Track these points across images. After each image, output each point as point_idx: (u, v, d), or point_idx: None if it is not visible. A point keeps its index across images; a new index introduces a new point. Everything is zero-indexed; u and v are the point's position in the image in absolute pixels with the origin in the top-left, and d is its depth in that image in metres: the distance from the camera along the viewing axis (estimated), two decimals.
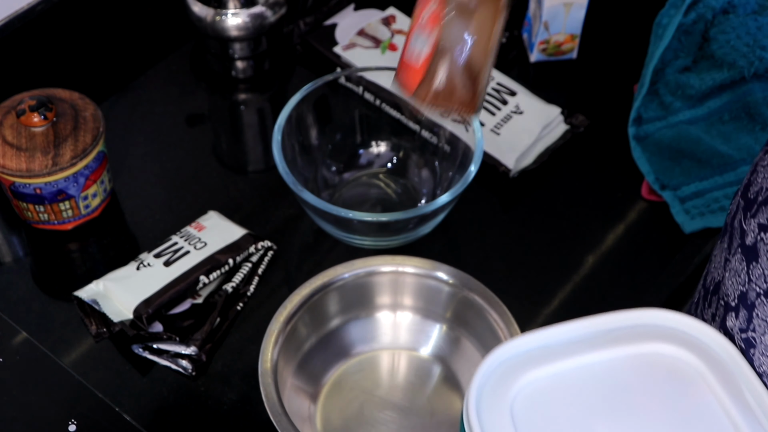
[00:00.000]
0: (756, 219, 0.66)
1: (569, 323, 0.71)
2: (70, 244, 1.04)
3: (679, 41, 1.13)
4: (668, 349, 0.70)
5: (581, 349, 0.70)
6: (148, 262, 0.97)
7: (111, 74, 1.18)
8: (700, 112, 1.13)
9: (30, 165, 0.96)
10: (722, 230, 0.74)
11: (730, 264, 0.69)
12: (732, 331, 0.69)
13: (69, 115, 0.98)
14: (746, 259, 0.67)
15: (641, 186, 1.09)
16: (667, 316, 0.71)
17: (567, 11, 1.15)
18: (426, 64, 0.78)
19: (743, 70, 1.12)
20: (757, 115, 1.11)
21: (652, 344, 0.71)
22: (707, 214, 1.05)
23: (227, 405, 0.92)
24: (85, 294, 0.95)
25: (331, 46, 1.19)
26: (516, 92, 1.14)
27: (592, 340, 0.70)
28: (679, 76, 1.13)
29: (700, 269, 1.02)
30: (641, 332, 0.71)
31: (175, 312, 0.95)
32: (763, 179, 0.66)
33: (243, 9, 1.17)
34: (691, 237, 1.04)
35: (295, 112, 1.02)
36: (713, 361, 0.69)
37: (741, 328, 0.68)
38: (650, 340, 0.71)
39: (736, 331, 0.69)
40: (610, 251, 1.04)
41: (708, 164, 1.08)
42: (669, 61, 1.14)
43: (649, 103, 1.13)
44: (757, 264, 0.65)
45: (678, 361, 0.70)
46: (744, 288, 0.67)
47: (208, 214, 1.03)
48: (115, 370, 0.94)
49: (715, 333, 0.70)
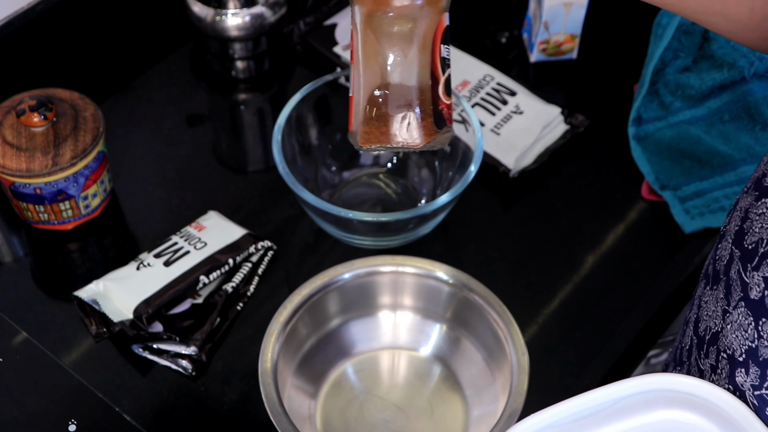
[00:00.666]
0: (760, 272, 0.64)
1: (575, 399, 0.68)
2: (70, 244, 1.04)
3: (679, 41, 1.13)
4: (681, 415, 0.67)
5: (591, 424, 0.67)
6: (148, 262, 0.97)
7: (111, 74, 1.18)
8: (700, 112, 1.13)
9: (30, 165, 0.96)
10: (709, 276, 0.72)
11: (731, 317, 0.66)
12: (743, 387, 0.67)
13: (69, 115, 0.98)
14: (753, 315, 0.65)
15: (641, 186, 1.09)
16: (675, 380, 0.68)
17: (567, 11, 1.15)
18: (351, 100, 0.69)
19: (743, 70, 1.12)
20: (758, 114, 1.11)
21: (664, 411, 0.68)
22: (707, 214, 1.05)
23: (227, 405, 0.92)
24: (85, 294, 0.95)
25: (331, 46, 1.19)
26: (516, 92, 1.14)
27: (602, 414, 0.68)
28: (679, 76, 1.13)
29: (699, 269, 1.02)
30: (651, 399, 0.68)
31: (175, 312, 0.95)
32: (761, 229, 0.64)
33: (243, 9, 1.17)
34: (691, 237, 1.04)
35: (295, 112, 1.02)
36: (727, 424, 0.66)
37: (753, 384, 0.66)
38: (661, 407, 0.68)
39: (747, 387, 0.66)
40: (610, 251, 1.04)
41: (708, 164, 1.09)
42: (669, 61, 1.14)
43: (649, 103, 1.13)
44: (766, 320, 0.64)
45: (692, 427, 0.67)
46: (753, 344, 0.65)
47: (208, 214, 1.03)
48: (115, 370, 0.94)
49: (726, 395, 0.67)
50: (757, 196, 0.65)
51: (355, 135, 0.69)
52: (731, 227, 0.68)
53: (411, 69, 0.67)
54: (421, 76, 0.67)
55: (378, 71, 0.67)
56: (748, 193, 0.67)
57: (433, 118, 0.67)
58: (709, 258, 0.77)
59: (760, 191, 0.65)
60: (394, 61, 0.66)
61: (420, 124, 0.67)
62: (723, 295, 0.67)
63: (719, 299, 0.68)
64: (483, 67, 1.16)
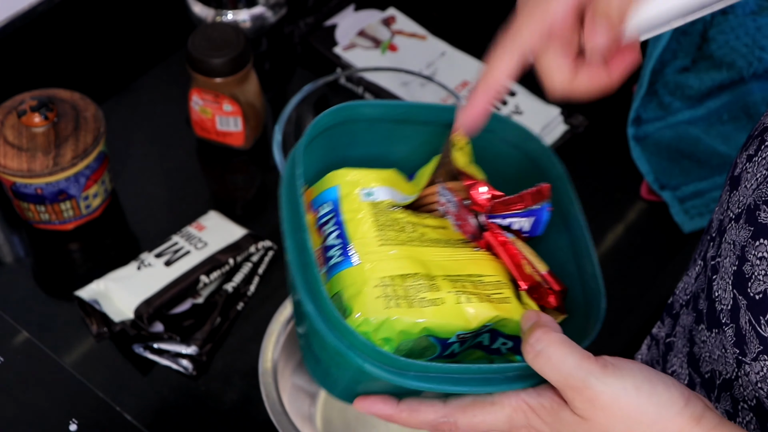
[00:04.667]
0: (746, 151, 0.65)
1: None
2: (71, 244, 1.04)
3: (677, 42, 1.13)
4: None
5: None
6: (148, 262, 0.97)
7: (112, 75, 1.18)
8: (699, 112, 1.13)
9: (31, 165, 0.96)
10: (702, 315, 0.70)
11: (753, 368, 0.63)
12: (707, 261, 0.67)
13: (70, 115, 0.99)
14: (730, 189, 0.65)
15: (640, 186, 1.09)
16: None
17: None
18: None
19: (742, 71, 1.12)
20: (756, 115, 1.11)
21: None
22: (706, 214, 1.05)
23: (228, 404, 0.92)
24: (86, 294, 0.95)
25: (331, 47, 1.20)
26: (516, 92, 1.14)
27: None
28: (678, 77, 1.14)
29: None
30: None
31: (175, 312, 0.95)
32: (766, 116, 0.64)
33: (243, 9, 1.17)
34: (690, 237, 1.04)
35: (295, 113, 1.02)
36: None
37: (712, 255, 0.66)
38: None
39: (709, 258, 0.67)
40: (610, 251, 1.05)
41: (707, 164, 1.09)
42: (668, 62, 1.14)
43: (648, 103, 1.13)
44: (736, 191, 0.64)
45: None
46: (722, 216, 0.66)
47: (208, 214, 1.03)
48: (116, 370, 0.94)
49: None
50: (754, 234, 0.61)
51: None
52: (726, 264, 0.64)
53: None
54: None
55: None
56: (738, 223, 0.63)
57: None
58: (688, 284, 0.75)
59: (755, 227, 0.61)
60: None
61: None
62: (733, 343, 0.64)
63: (728, 346, 0.65)
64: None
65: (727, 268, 0.63)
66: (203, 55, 1.03)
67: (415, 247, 0.63)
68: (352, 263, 0.60)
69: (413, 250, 0.62)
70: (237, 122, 1.08)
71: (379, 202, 0.64)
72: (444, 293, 0.60)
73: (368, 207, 0.63)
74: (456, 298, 0.60)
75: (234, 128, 1.08)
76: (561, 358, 0.56)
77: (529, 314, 0.60)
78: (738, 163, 0.66)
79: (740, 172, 0.65)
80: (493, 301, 0.62)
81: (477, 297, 0.61)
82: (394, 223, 0.63)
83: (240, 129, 1.08)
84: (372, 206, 0.64)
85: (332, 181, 0.65)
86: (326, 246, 0.62)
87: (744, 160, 0.65)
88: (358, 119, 0.66)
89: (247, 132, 1.09)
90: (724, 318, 0.64)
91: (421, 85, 1.06)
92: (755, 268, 0.60)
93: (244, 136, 1.09)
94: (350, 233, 0.62)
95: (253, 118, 1.09)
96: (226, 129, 1.09)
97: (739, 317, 0.62)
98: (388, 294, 0.59)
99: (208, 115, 1.08)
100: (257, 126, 1.11)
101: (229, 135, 1.09)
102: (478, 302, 0.61)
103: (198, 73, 1.04)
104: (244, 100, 1.06)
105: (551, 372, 0.56)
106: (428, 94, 1.06)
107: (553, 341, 0.56)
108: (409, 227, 0.64)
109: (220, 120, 1.08)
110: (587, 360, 0.56)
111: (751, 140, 0.65)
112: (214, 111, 1.07)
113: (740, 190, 0.64)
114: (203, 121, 1.09)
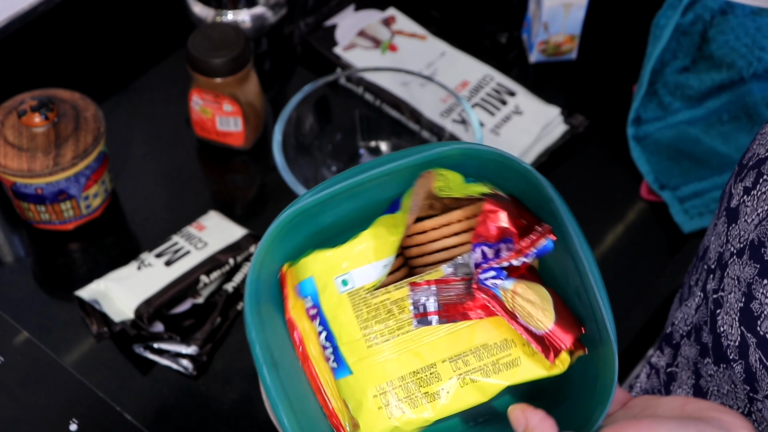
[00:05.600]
0: (743, 183, 0.64)
1: None
2: (71, 244, 1.04)
3: (677, 42, 1.13)
4: None
5: None
6: (149, 262, 0.97)
7: (112, 75, 1.18)
8: (699, 112, 1.13)
9: (31, 165, 0.96)
10: (708, 348, 0.69)
11: (717, 228, 0.65)
12: (708, 294, 0.66)
13: (70, 115, 0.99)
14: (728, 221, 0.65)
15: (640, 186, 1.09)
16: None
17: (566, 12, 1.16)
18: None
19: (742, 71, 1.12)
20: (756, 115, 1.11)
21: None
22: (706, 214, 1.05)
23: (228, 404, 0.92)
24: (87, 294, 0.95)
25: (331, 47, 1.20)
26: (515, 93, 1.14)
27: None
28: (678, 77, 1.14)
29: None
30: None
31: (176, 312, 0.95)
32: (758, 146, 0.64)
33: (244, 9, 1.17)
34: (690, 237, 1.05)
35: (295, 113, 1.02)
36: None
37: (713, 288, 0.65)
38: None
39: (710, 291, 0.65)
40: (610, 251, 1.05)
41: (707, 164, 1.09)
42: (668, 62, 1.14)
43: (648, 103, 1.13)
44: (735, 225, 0.63)
45: None
46: (721, 249, 0.65)
47: (208, 214, 1.03)
48: (116, 370, 0.94)
49: None
50: (760, 271, 0.60)
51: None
52: (731, 300, 0.62)
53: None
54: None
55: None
56: (741, 259, 0.62)
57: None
58: (688, 315, 0.74)
59: (761, 265, 0.60)
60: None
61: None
62: (743, 379, 0.63)
63: (738, 382, 0.65)
64: (483, 68, 1.16)
65: (733, 304, 0.62)
66: (203, 55, 1.03)
67: (406, 336, 0.59)
68: (348, 372, 0.59)
69: (405, 340, 0.59)
70: (237, 122, 1.08)
71: (358, 289, 0.60)
72: (446, 381, 0.58)
73: (347, 301, 0.59)
74: (460, 383, 0.58)
75: (234, 128, 1.08)
76: None
77: (515, 416, 0.56)
78: (734, 194, 0.65)
79: (738, 204, 0.64)
80: (501, 369, 0.59)
81: (481, 373, 0.59)
82: (377, 313, 0.59)
83: (240, 129, 1.08)
84: (350, 298, 0.60)
85: (307, 270, 0.60)
86: (322, 345, 0.60)
87: (740, 192, 0.64)
88: (311, 216, 0.60)
89: (248, 132, 1.09)
90: (731, 354, 0.63)
91: (421, 85, 1.06)
92: (764, 306, 0.58)
93: (244, 136, 1.09)
94: (337, 336, 0.59)
95: (253, 118, 1.09)
96: (226, 129, 1.09)
97: (749, 354, 0.61)
98: (388, 401, 0.58)
99: (208, 115, 1.08)
100: (257, 126, 1.11)
101: (229, 135, 1.09)
102: (483, 379, 0.59)
103: (198, 73, 1.04)
104: (245, 100, 1.06)
105: None
106: (428, 94, 1.06)
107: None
108: (395, 309, 0.59)
109: (220, 120, 1.08)
110: None
111: (747, 171, 0.64)
112: (214, 111, 1.07)
113: (740, 224, 0.63)
114: (203, 121, 1.09)
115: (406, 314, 0.59)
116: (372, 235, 0.60)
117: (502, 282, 0.59)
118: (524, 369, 0.59)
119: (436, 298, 0.59)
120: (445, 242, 0.63)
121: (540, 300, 0.59)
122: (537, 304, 0.58)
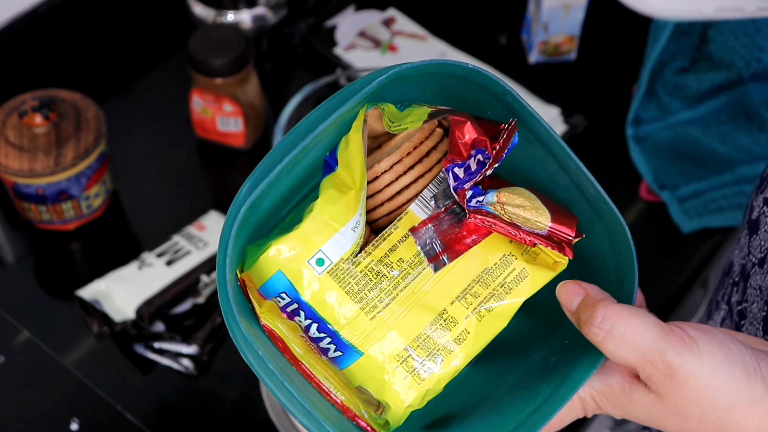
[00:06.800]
0: (763, 194, 0.64)
1: None
2: (73, 244, 1.04)
3: (676, 42, 1.14)
4: None
5: None
6: (149, 262, 0.97)
7: (113, 75, 1.19)
8: (698, 112, 1.13)
9: (32, 165, 0.96)
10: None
11: (740, 242, 0.65)
12: (732, 306, 0.65)
13: (71, 115, 0.99)
14: (749, 233, 0.64)
15: (640, 186, 1.10)
16: None
17: (566, 12, 1.16)
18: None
19: (741, 71, 1.12)
20: (755, 115, 1.11)
21: None
22: (705, 214, 1.05)
23: (228, 404, 0.92)
24: (88, 293, 0.95)
25: (331, 47, 1.20)
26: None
27: None
28: (677, 77, 1.14)
29: (698, 269, 1.02)
30: None
31: (176, 311, 0.96)
32: None
33: (244, 10, 1.17)
34: (689, 237, 1.05)
35: (295, 113, 1.02)
36: None
37: (737, 300, 0.65)
38: None
39: (734, 303, 0.65)
40: None
41: (706, 165, 1.09)
42: (667, 62, 1.14)
43: (648, 103, 1.14)
44: (756, 236, 0.63)
45: None
46: (744, 261, 0.65)
47: (208, 213, 1.04)
48: (117, 370, 0.94)
49: None
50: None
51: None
52: (754, 310, 0.61)
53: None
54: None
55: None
56: (762, 268, 0.61)
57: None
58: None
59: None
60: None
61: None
62: (741, 224, 0.65)
63: (739, 230, 0.66)
64: (482, 68, 1.17)
65: (756, 313, 0.61)
66: (204, 56, 1.03)
67: (404, 292, 0.54)
68: (358, 355, 0.54)
69: (405, 297, 0.54)
70: (237, 122, 1.08)
71: (337, 263, 0.54)
72: (462, 322, 0.54)
73: (330, 280, 0.54)
74: (477, 318, 0.54)
75: (234, 128, 1.09)
76: (636, 333, 0.49)
77: (570, 289, 0.53)
78: (755, 206, 0.65)
79: (758, 215, 0.64)
80: (511, 288, 0.55)
81: (494, 299, 0.55)
82: (367, 281, 0.54)
83: (240, 129, 1.09)
84: (333, 276, 0.54)
85: (269, 266, 0.54)
86: (312, 337, 0.54)
87: (761, 203, 0.64)
88: (254, 206, 0.53)
89: (248, 132, 1.09)
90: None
91: None
92: None
93: (245, 136, 1.10)
94: (331, 322, 0.54)
95: (253, 119, 1.09)
96: (227, 129, 1.09)
97: (750, 198, 0.61)
98: (413, 367, 0.54)
99: (209, 116, 1.08)
100: (258, 126, 1.11)
101: (230, 135, 1.10)
102: (497, 304, 0.55)
103: (199, 74, 1.04)
104: (245, 100, 1.07)
105: (626, 351, 0.50)
106: None
107: (621, 316, 0.50)
108: (383, 269, 0.54)
109: (221, 120, 1.08)
110: (663, 331, 0.50)
111: (766, 183, 0.65)
112: (215, 111, 1.07)
113: (760, 234, 0.63)
114: (204, 122, 1.09)
115: (396, 269, 0.54)
116: (326, 201, 0.54)
117: (486, 197, 0.55)
118: (533, 278, 0.55)
119: (437, 237, 0.55)
120: (402, 181, 0.57)
121: (527, 201, 0.55)
122: (527, 206, 0.55)
